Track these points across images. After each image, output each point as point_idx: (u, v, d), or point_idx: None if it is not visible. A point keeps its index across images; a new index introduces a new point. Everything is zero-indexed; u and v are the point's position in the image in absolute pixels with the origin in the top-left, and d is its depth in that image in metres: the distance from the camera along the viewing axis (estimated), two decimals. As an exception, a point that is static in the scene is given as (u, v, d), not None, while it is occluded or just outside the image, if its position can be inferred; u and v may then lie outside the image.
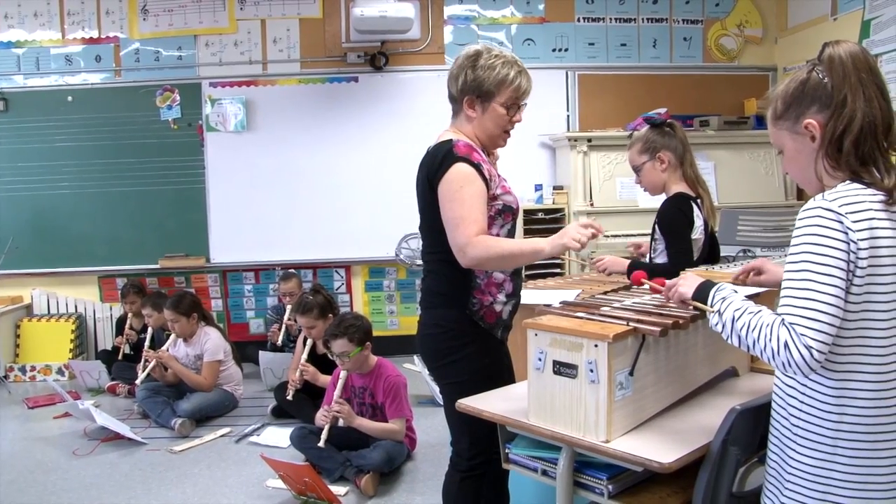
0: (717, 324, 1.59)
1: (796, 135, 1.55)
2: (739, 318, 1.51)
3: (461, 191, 2.20)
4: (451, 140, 2.30)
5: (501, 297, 2.38)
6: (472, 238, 2.16)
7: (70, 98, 6.00)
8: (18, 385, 5.71)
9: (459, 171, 2.22)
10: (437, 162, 2.26)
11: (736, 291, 1.63)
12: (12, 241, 5.59)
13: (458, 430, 2.40)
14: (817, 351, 1.38)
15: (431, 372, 2.52)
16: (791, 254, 1.46)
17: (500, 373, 2.39)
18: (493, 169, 2.35)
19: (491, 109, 2.34)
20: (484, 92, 2.32)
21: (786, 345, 1.39)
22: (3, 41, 6.00)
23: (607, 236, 5.30)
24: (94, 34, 6.02)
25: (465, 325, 2.33)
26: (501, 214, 2.34)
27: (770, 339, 1.42)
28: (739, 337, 1.51)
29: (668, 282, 1.86)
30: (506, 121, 2.36)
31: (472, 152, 2.28)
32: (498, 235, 2.33)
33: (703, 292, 1.70)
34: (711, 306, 1.64)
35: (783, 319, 1.42)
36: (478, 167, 2.25)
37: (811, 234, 1.43)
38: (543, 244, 2.17)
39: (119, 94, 6.02)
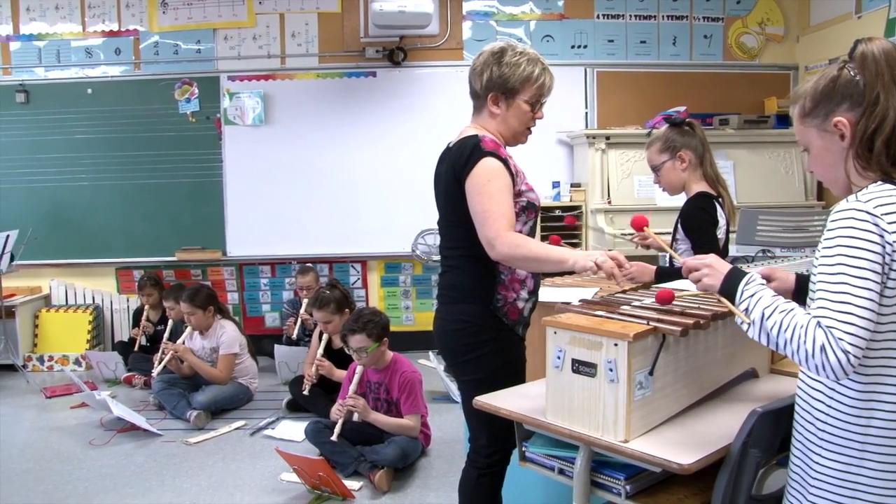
0: (742, 322, 1.56)
1: (825, 133, 1.53)
2: (770, 316, 1.47)
3: (489, 184, 2.20)
4: (476, 135, 2.30)
5: (524, 294, 2.38)
6: (501, 232, 2.16)
7: (90, 90, 6.03)
8: (36, 374, 5.75)
9: (488, 165, 2.23)
10: (464, 156, 2.26)
11: (763, 284, 1.59)
12: (31, 231, 5.62)
13: (476, 428, 2.39)
14: (853, 356, 1.35)
15: (451, 367, 2.51)
16: (824, 255, 1.43)
17: (520, 371, 2.39)
18: (517, 165, 2.36)
19: (515, 106, 2.35)
20: (509, 89, 2.33)
21: (822, 348, 1.36)
22: (25, 34, 6.05)
23: (624, 235, 5.27)
24: (115, 27, 6.05)
25: (489, 320, 2.33)
26: (525, 211, 2.35)
27: (804, 342, 1.39)
28: (769, 335, 1.47)
29: (689, 261, 1.77)
30: (529, 117, 2.38)
31: (498, 147, 2.29)
32: (521, 232, 2.32)
33: (731, 284, 1.63)
34: (739, 303, 1.59)
35: (819, 322, 1.39)
36: (505, 162, 2.26)
37: (846, 237, 1.39)
38: (568, 256, 2.13)
39: (138, 86, 6.05)
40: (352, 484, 3.49)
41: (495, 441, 2.34)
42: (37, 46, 6.06)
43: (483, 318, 2.33)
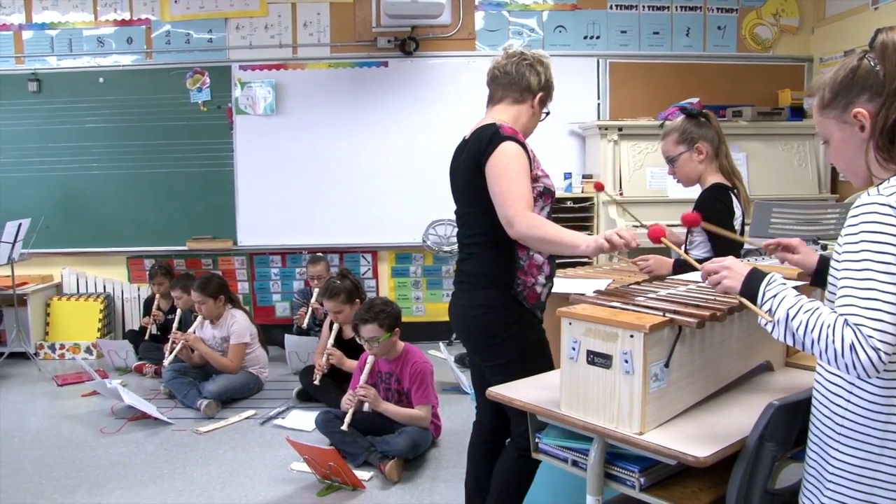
0: (766, 323, 1.53)
1: (844, 124, 1.50)
2: (795, 316, 1.44)
3: (508, 167, 2.29)
4: (495, 123, 2.40)
5: (542, 279, 2.44)
6: (520, 211, 2.24)
7: (101, 79, 6.04)
8: (48, 362, 5.78)
9: (507, 149, 2.32)
10: (483, 142, 2.35)
11: (785, 284, 1.57)
12: (43, 220, 5.64)
13: (517, 414, 2.38)
14: (884, 353, 1.32)
15: (478, 354, 2.54)
16: (847, 251, 1.40)
17: (546, 352, 2.45)
18: (533, 151, 2.42)
19: (542, 110, 2.55)
20: (550, 95, 2.54)
21: (851, 347, 1.33)
22: (38, 23, 6.05)
23: (636, 226, 5.24)
24: (126, 16, 6.05)
25: (511, 304, 2.40)
26: (542, 196, 2.41)
27: (833, 341, 1.36)
28: (794, 336, 1.45)
29: (707, 265, 1.75)
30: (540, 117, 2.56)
31: (516, 133, 2.39)
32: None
33: (751, 285, 1.61)
34: (762, 303, 1.56)
35: (846, 320, 1.36)
36: (523, 146, 2.36)
37: (870, 231, 1.36)
38: (580, 241, 2.18)
39: (149, 76, 6.05)
40: (362, 474, 3.50)
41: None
42: (49, 35, 6.06)
43: (505, 301, 2.40)
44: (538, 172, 2.41)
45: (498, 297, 2.39)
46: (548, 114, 2.56)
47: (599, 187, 2.05)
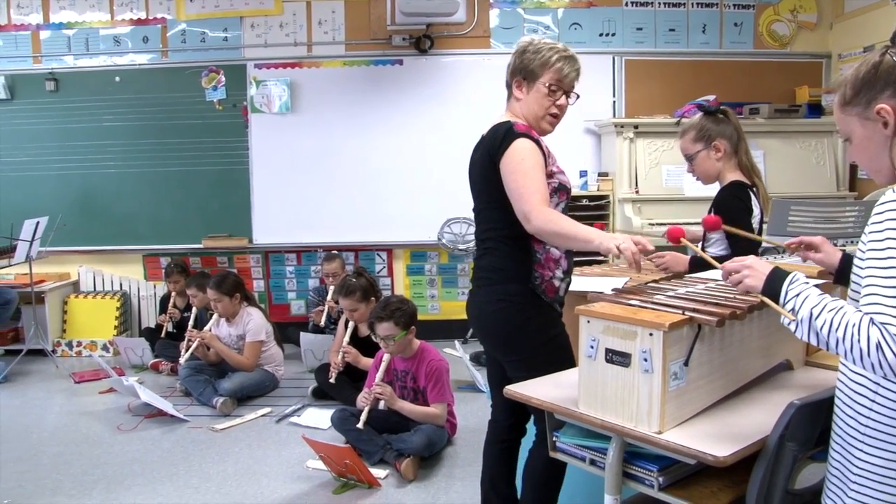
0: (790, 322, 1.52)
1: (867, 121, 1.49)
2: (819, 315, 1.43)
3: (523, 163, 2.30)
4: (509, 121, 2.41)
5: (559, 274, 2.44)
6: (536, 206, 2.25)
7: (118, 78, 6.07)
8: (65, 360, 5.82)
9: (521, 145, 2.33)
10: (498, 139, 2.36)
11: (808, 283, 1.55)
12: (60, 218, 5.67)
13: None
14: None
15: (498, 349, 2.52)
16: (872, 248, 1.38)
17: (567, 345, 2.45)
18: (548, 148, 2.43)
19: (535, 90, 2.45)
20: (529, 72, 2.45)
21: (878, 346, 1.31)
22: (55, 22, 6.09)
23: (652, 224, 5.23)
24: (142, 15, 6.08)
25: (530, 298, 2.41)
26: (557, 192, 2.42)
27: (858, 340, 1.34)
28: (818, 335, 1.43)
29: (728, 265, 1.75)
30: (549, 102, 2.46)
31: (530, 130, 2.40)
32: None
33: (774, 284, 1.60)
34: (785, 303, 1.55)
35: (872, 319, 1.34)
36: (537, 142, 2.36)
37: (894, 229, 1.35)
38: (595, 237, 2.18)
39: (165, 74, 6.07)
40: (378, 472, 3.49)
41: None
42: (66, 35, 6.10)
43: (524, 295, 2.40)
44: (553, 168, 2.41)
45: (516, 291, 2.40)
46: (554, 91, 2.43)
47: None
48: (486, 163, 2.39)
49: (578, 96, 2.52)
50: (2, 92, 6.01)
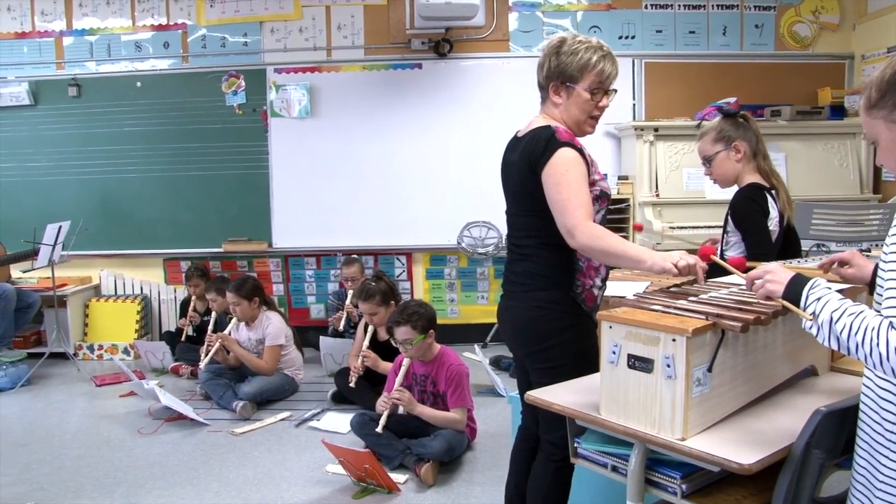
0: (811, 326, 1.50)
1: (893, 124, 1.47)
2: (839, 319, 1.41)
3: (567, 174, 2.21)
4: (550, 126, 2.31)
5: (598, 282, 2.39)
6: (581, 221, 2.16)
7: (139, 84, 6.12)
8: (87, 363, 5.86)
9: (565, 155, 2.23)
10: (539, 147, 2.26)
11: (830, 288, 1.53)
12: (82, 223, 5.72)
13: (555, 420, 2.35)
14: None
15: (529, 356, 2.44)
16: (894, 251, 1.37)
17: (594, 360, 2.31)
18: (591, 155, 2.34)
19: (575, 95, 2.34)
20: (567, 77, 2.33)
21: None
22: (77, 29, 6.15)
23: (673, 228, 5.19)
24: (163, 21, 6.12)
25: (570, 306, 2.34)
26: (598, 200, 2.34)
27: (877, 344, 1.33)
28: (838, 339, 1.41)
29: (752, 274, 1.75)
30: (591, 106, 2.35)
31: (573, 138, 2.30)
32: (594, 221, 2.29)
33: (795, 289, 1.59)
34: (805, 307, 1.53)
35: (892, 323, 1.33)
36: (580, 152, 2.26)
37: None
38: (646, 256, 2.10)
39: (186, 79, 6.12)
40: (397, 476, 3.49)
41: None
42: (88, 41, 6.16)
43: (564, 304, 2.34)
44: (595, 177, 2.32)
45: (556, 299, 2.33)
46: (594, 92, 2.33)
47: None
48: (525, 169, 2.30)
49: (616, 91, 2.41)
50: (26, 98, 6.08)
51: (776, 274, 1.67)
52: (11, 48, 6.19)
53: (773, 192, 2.90)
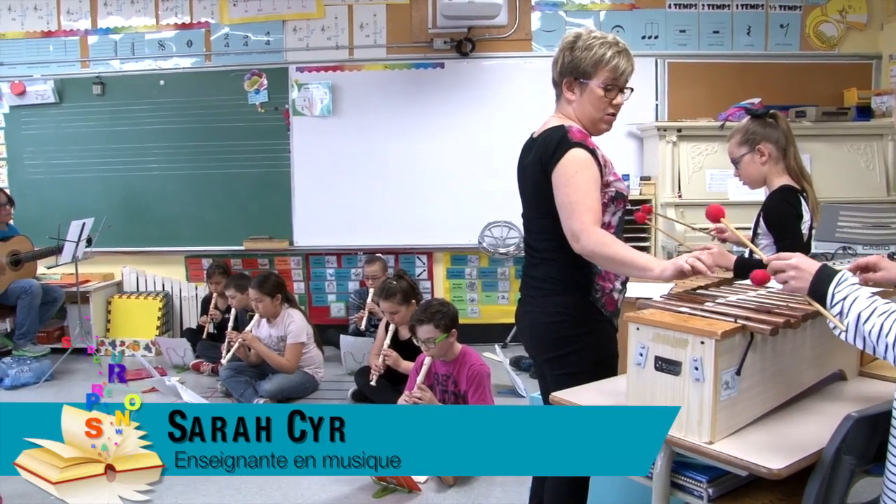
0: (835, 326, 1.48)
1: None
2: (868, 319, 1.39)
3: (576, 176, 2.14)
4: (563, 126, 2.25)
5: (618, 286, 2.33)
6: (587, 226, 2.09)
7: (162, 82, 6.16)
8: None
9: (575, 156, 2.16)
10: (551, 148, 2.20)
11: (857, 283, 1.50)
12: (105, 220, 5.76)
13: None
14: None
15: (547, 362, 2.38)
16: None
17: (614, 367, 2.32)
18: (605, 156, 2.28)
19: (589, 91, 2.26)
20: (581, 72, 2.26)
21: None
22: (102, 27, 6.20)
23: (695, 229, 5.15)
24: (187, 20, 6.16)
25: (589, 312, 2.28)
26: (614, 201, 2.28)
27: None
28: (865, 340, 1.39)
29: (775, 263, 1.68)
30: (605, 103, 2.28)
31: (586, 138, 2.23)
32: (609, 223, 2.26)
33: (820, 285, 1.55)
34: (832, 305, 1.51)
35: None
36: (593, 153, 2.20)
37: None
38: (654, 265, 2.03)
39: (209, 78, 6.14)
40: (418, 476, 3.48)
41: None
42: (113, 40, 6.21)
43: (583, 309, 2.27)
44: (610, 177, 2.25)
45: (575, 304, 2.26)
46: (608, 89, 2.26)
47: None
48: (538, 170, 2.25)
49: (632, 90, 2.32)
50: (51, 96, 6.14)
51: (800, 269, 1.61)
52: (38, 47, 6.24)
53: (803, 193, 2.86)
